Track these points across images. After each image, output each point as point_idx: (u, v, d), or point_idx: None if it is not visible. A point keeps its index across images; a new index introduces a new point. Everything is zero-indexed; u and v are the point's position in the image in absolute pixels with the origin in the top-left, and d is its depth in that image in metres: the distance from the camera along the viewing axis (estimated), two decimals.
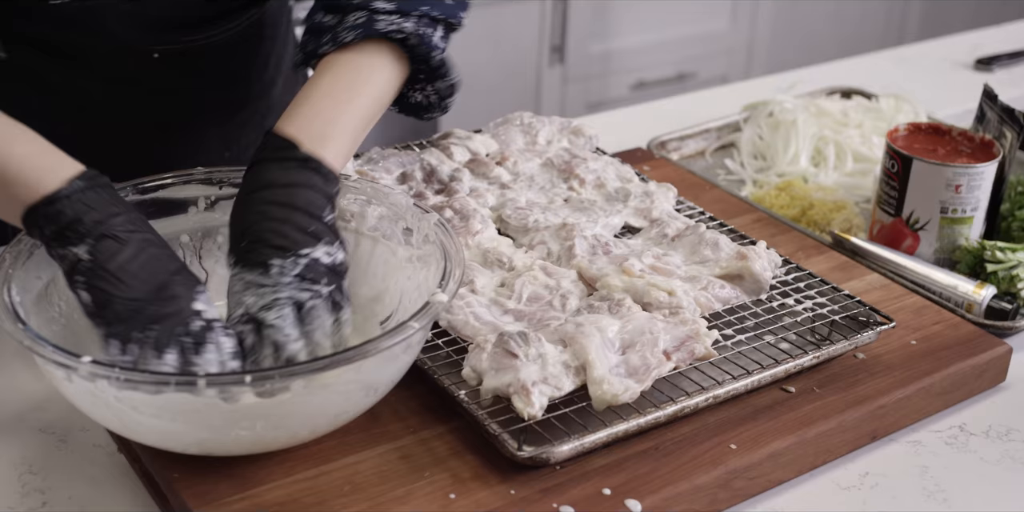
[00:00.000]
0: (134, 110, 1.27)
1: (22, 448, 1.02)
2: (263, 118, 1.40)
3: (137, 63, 1.22)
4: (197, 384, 0.82)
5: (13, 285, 0.92)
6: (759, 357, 1.04)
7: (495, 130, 1.37)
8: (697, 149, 1.60)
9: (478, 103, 3.10)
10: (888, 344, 1.12)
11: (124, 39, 1.19)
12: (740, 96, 1.75)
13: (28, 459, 1.01)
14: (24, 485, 0.98)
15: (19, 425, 1.05)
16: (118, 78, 1.23)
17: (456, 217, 1.17)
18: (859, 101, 1.67)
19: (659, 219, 1.21)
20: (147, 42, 1.21)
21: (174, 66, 1.25)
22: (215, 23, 1.25)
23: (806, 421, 1.01)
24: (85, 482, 0.99)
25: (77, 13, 1.15)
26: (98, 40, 1.19)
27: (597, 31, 3.25)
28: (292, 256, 0.92)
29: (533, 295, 1.07)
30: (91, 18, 1.16)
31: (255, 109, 1.39)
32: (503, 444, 0.93)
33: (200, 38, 1.24)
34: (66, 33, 1.18)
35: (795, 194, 1.43)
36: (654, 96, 3.35)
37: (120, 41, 1.19)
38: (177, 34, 1.22)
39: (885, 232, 1.32)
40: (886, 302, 1.18)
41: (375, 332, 1.03)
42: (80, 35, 1.18)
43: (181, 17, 1.21)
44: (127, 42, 1.20)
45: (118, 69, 1.23)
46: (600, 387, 0.95)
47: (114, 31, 1.18)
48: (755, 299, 1.11)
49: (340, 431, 0.97)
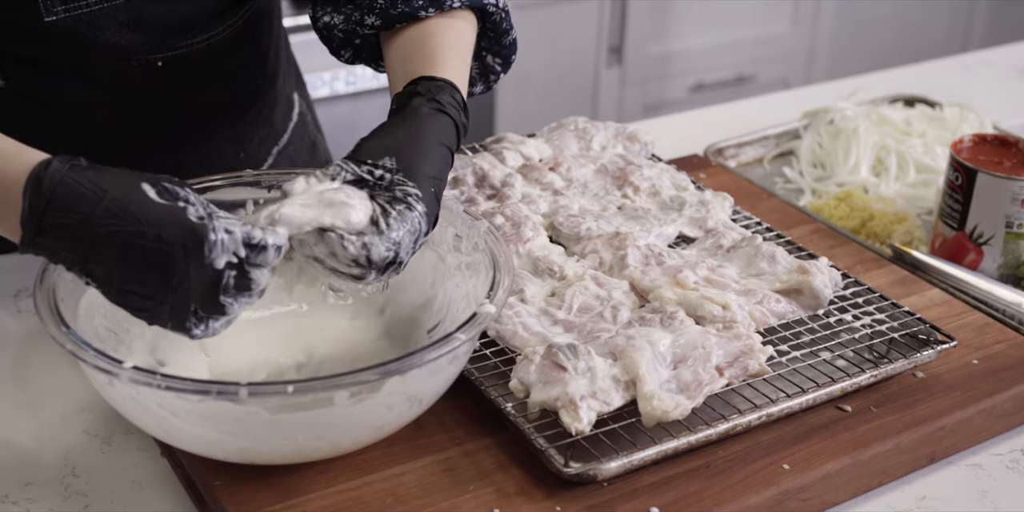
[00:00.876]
0: (143, 123, 1.26)
1: (66, 450, 1.02)
2: (271, 112, 1.39)
3: (142, 74, 1.20)
4: (239, 393, 0.81)
5: (58, 287, 0.91)
6: (814, 374, 1.01)
7: (549, 135, 1.35)
8: (755, 156, 1.57)
9: (534, 103, 3.09)
10: (949, 363, 1.09)
11: (126, 50, 1.17)
12: (800, 102, 1.71)
13: (71, 461, 1.01)
14: (67, 487, 0.98)
15: (64, 426, 1.05)
16: (124, 92, 1.21)
17: (507, 224, 1.15)
18: (922, 110, 1.63)
19: (714, 229, 1.18)
20: (149, 51, 1.19)
21: (179, 73, 1.23)
22: (212, 24, 1.23)
23: (862, 442, 0.99)
24: (127, 486, 0.98)
25: (75, 28, 1.12)
26: (100, 55, 1.17)
27: (656, 32, 3.22)
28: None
29: (584, 306, 1.05)
30: (90, 32, 1.13)
31: (263, 104, 1.37)
32: (549, 459, 0.91)
33: (200, 40, 1.22)
34: (66, 51, 1.15)
35: (855, 205, 1.40)
36: (713, 99, 3.31)
37: (122, 53, 1.17)
38: (177, 38, 1.20)
39: (947, 246, 1.28)
40: (947, 319, 1.15)
41: (422, 340, 1.02)
42: (81, 52, 1.16)
43: (179, 20, 1.19)
44: (129, 53, 1.18)
45: (123, 83, 1.21)
46: (650, 403, 0.93)
47: (115, 42, 1.15)
48: (811, 314, 1.08)
49: (384, 441, 0.95)
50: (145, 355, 0.99)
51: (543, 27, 3.00)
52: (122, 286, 0.82)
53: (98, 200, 0.80)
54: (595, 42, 3.13)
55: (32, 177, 0.81)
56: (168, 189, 0.82)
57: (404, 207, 0.89)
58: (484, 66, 1.17)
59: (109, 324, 0.97)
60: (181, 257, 0.80)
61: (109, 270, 0.81)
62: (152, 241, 0.80)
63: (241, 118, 1.34)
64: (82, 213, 0.80)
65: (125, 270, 0.81)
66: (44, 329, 0.87)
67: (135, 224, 0.80)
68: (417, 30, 1.08)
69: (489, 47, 1.16)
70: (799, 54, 3.51)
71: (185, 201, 0.82)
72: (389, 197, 0.90)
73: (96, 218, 0.80)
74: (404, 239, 0.88)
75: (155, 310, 0.83)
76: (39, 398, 1.08)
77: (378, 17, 1.10)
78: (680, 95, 3.35)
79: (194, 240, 0.80)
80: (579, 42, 3.11)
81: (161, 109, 1.26)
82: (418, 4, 1.08)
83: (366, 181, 0.90)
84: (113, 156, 1.22)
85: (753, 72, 3.44)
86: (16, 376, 1.11)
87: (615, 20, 3.13)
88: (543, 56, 3.04)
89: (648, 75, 3.26)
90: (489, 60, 1.17)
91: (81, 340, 0.85)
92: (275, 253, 0.84)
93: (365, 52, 1.17)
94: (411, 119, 0.96)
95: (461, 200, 1.22)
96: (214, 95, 1.30)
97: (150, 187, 0.81)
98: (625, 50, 3.18)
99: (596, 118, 3.22)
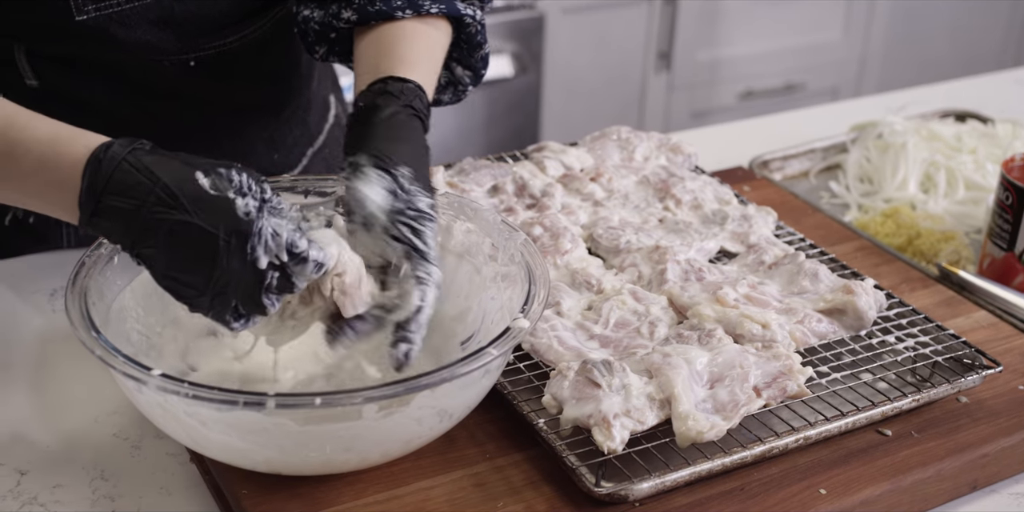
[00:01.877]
0: (175, 123, 1.25)
1: (95, 453, 1.01)
2: (305, 113, 1.38)
3: (174, 74, 1.20)
4: (266, 404, 0.80)
5: (90, 292, 0.90)
6: (854, 397, 0.99)
7: (591, 144, 1.34)
8: (801, 170, 1.54)
9: (581, 108, 3.07)
10: (994, 388, 1.06)
11: (157, 49, 1.17)
12: (849, 114, 1.69)
13: (100, 464, 1.00)
14: (95, 491, 0.98)
15: (94, 428, 1.04)
16: (156, 92, 1.21)
17: (546, 235, 1.14)
18: (974, 125, 1.60)
19: (757, 245, 1.16)
20: (181, 50, 1.19)
21: (211, 73, 1.23)
22: (244, 23, 1.22)
23: (902, 467, 0.96)
24: (155, 491, 0.98)
25: (106, 26, 1.12)
26: (131, 54, 1.17)
27: (705, 38, 3.19)
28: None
29: (620, 321, 1.04)
30: (121, 30, 1.13)
31: (296, 106, 1.37)
32: (581, 478, 0.90)
33: (233, 40, 1.22)
34: (98, 50, 1.15)
35: (902, 222, 1.37)
36: (761, 107, 3.28)
37: (154, 52, 1.17)
38: (209, 38, 1.20)
39: (996, 267, 1.25)
40: (993, 342, 1.12)
41: (455, 352, 1.00)
42: (112, 51, 1.15)
43: (210, 20, 1.19)
44: (161, 52, 1.18)
45: (155, 83, 1.21)
46: (685, 423, 0.91)
47: (146, 41, 1.15)
48: (853, 335, 1.06)
49: (414, 454, 0.94)
50: (176, 359, 0.99)
51: (591, 32, 2.99)
52: (167, 272, 0.83)
53: (151, 187, 0.82)
54: (643, 47, 3.11)
55: (92, 159, 0.83)
56: (224, 177, 0.82)
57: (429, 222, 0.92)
58: (454, 77, 1.17)
59: (141, 328, 0.97)
60: (224, 250, 0.81)
61: (157, 256, 0.83)
62: (197, 232, 0.81)
63: (275, 119, 1.34)
64: (136, 199, 0.82)
65: (171, 257, 0.82)
66: (74, 334, 0.86)
67: (183, 214, 0.81)
68: (391, 29, 1.08)
69: (460, 58, 1.16)
70: (850, 63, 3.47)
71: (238, 192, 0.82)
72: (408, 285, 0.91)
73: (149, 205, 0.81)
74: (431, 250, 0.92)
75: (197, 300, 0.84)
76: (71, 400, 1.08)
77: (355, 12, 1.10)
78: (729, 102, 3.32)
79: (238, 235, 0.81)
80: (627, 47, 3.09)
81: (193, 109, 1.26)
82: (396, 4, 1.09)
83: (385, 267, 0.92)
84: None
85: (803, 80, 3.40)
86: (49, 377, 1.11)
87: (664, 25, 3.10)
88: (590, 61, 3.02)
89: (696, 81, 3.24)
90: (459, 71, 1.17)
91: (111, 346, 0.84)
92: (314, 268, 0.84)
93: (339, 47, 1.16)
94: (398, 127, 0.97)
95: (500, 209, 1.20)
96: (247, 95, 1.29)
97: (204, 177, 0.82)
98: (674, 56, 3.16)
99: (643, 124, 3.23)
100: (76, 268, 0.93)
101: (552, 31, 2.89)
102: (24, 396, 1.08)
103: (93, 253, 0.94)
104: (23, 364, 1.13)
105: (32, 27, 1.13)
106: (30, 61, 1.17)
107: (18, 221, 1.29)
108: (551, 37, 2.90)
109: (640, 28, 3.08)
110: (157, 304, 0.99)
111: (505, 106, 2.89)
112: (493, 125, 2.90)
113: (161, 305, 0.99)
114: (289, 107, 1.36)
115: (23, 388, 1.09)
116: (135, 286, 0.97)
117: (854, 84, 3.51)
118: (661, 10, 3.07)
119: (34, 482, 0.98)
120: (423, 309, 0.90)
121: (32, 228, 1.29)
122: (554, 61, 2.93)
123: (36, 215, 1.29)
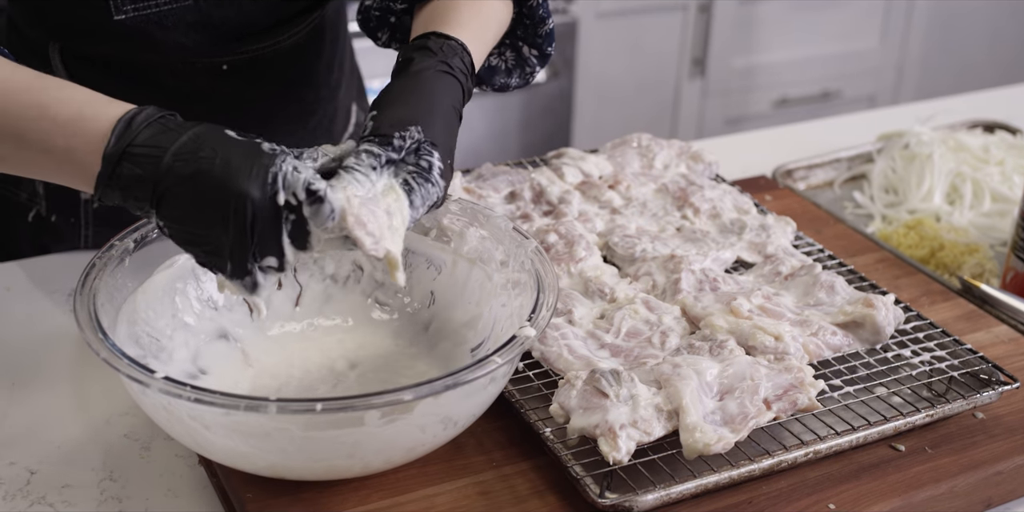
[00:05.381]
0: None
1: (105, 453, 1.02)
2: (331, 123, 1.38)
3: (207, 77, 1.21)
4: (267, 408, 0.80)
5: (100, 293, 0.91)
6: (867, 411, 0.98)
7: (611, 151, 1.33)
8: (826, 179, 1.53)
9: (614, 113, 3.06)
10: (1012, 404, 1.04)
11: (192, 52, 1.18)
12: (881, 123, 1.66)
13: (109, 465, 1.01)
14: (103, 491, 0.98)
15: (106, 429, 1.05)
16: (188, 95, 1.22)
17: (560, 242, 1.13)
18: (1002, 136, 1.58)
19: (774, 255, 1.15)
20: (215, 53, 1.19)
21: (243, 77, 1.23)
22: (279, 29, 1.23)
23: (914, 484, 0.95)
24: (163, 493, 0.98)
25: (143, 27, 1.13)
26: (166, 56, 1.17)
27: (740, 45, 3.17)
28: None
29: (632, 330, 1.03)
30: (158, 32, 1.14)
31: (324, 114, 1.37)
32: (585, 489, 0.89)
33: (267, 45, 1.22)
34: (134, 51, 1.16)
35: (925, 233, 1.36)
36: (797, 114, 3.26)
37: (188, 54, 1.18)
38: (243, 43, 1.20)
39: (1019, 281, 1.24)
40: (1013, 358, 1.10)
41: (465, 359, 1.00)
42: (147, 52, 1.16)
43: (246, 24, 1.19)
44: (195, 55, 1.18)
45: (188, 85, 1.22)
46: (692, 435, 0.90)
47: (182, 44, 1.16)
48: (868, 348, 1.05)
49: (420, 460, 0.94)
50: (187, 363, 0.99)
51: (626, 37, 2.98)
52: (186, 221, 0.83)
53: (180, 135, 0.83)
54: (678, 53, 3.10)
55: (125, 116, 0.84)
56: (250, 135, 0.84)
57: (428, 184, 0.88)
58: (520, 58, 1.14)
59: (151, 330, 0.97)
60: (246, 182, 0.80)
61: (178, 206, 0.82)
62: (220, 166, 0.81)
63: (302, 127, 1.34)
64: (163, 146, 0.82)
65: (194, 202, 0.82)
66: (81, 335, 0.86)
67: (209, 150, 0.81)
68: (446, 3, 1.05)
69: (525, 37, 1.13)
70: (887, 70, 3.44)
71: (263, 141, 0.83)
72: (414, 169, 0.88)
73: (175, 150, 0.82)
74: (420, 211, 0.89)
75: (217, 247, 0.82)
76: (86, 400, 1.08)
77: None
78: (763, 109, 3.30)
79: (261, 164, 0.81)
80: (662, 53, 3.08)
81: (223, 114, 1.26)
82: None
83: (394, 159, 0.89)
84: None
85: (839, 88, 3.37)
86: (67, 376, 1.12)
87: (699, 31, 3.09)
88: (624, 66, 3.01)
89: (731, 88, 3.22)
90: (525, 51, 1.14)
91: (116, 348, 0.84)
92: (328, 213, 0.82)
93: (400, 33, 1.15)
94: (423, 83, 0.94)
95: (516, 215, 1.20)
96: (276, 102, 1.30)
97: (233, 132, 0.84)
98: (708, 62, 3.14)
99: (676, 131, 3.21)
100: (87, 270, 0.93)
101: (585, 36, 2.89)
102: (39, 395, 1.09)
103: (104, 255, 0.94)
104: (39, 363, 1.13)
105: (70, 25, 1.14)
106: (63, 60, 1.18)
107: (40, 219, 1.30)
108: (584, 42, 2.89)
109: (674, 34, 3.06)
110: (168, 307, 0.99)
111: (537, 111, 2.89)
112: (525, 130, 2.90)
113: (172, 308, 1.00)
114: (316, 116, 1.36)
115: (38, 387, 1.10)
116: (146, 288, 0.97)
117: (891, 92, 3.48)
118: (696, 17, 3.06)
119: (44, 482, 0.99)
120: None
121: (54, 227, 1.30)
122: (587, 66, 2.92)
123: (58, 213, 1.29)
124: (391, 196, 0.87)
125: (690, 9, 3.03)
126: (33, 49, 1.18)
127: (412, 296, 1.07)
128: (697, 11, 3.05)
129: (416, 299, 1.07)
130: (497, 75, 1.13)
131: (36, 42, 1.18)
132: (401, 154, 0.88)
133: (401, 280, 0.88)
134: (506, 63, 1.13)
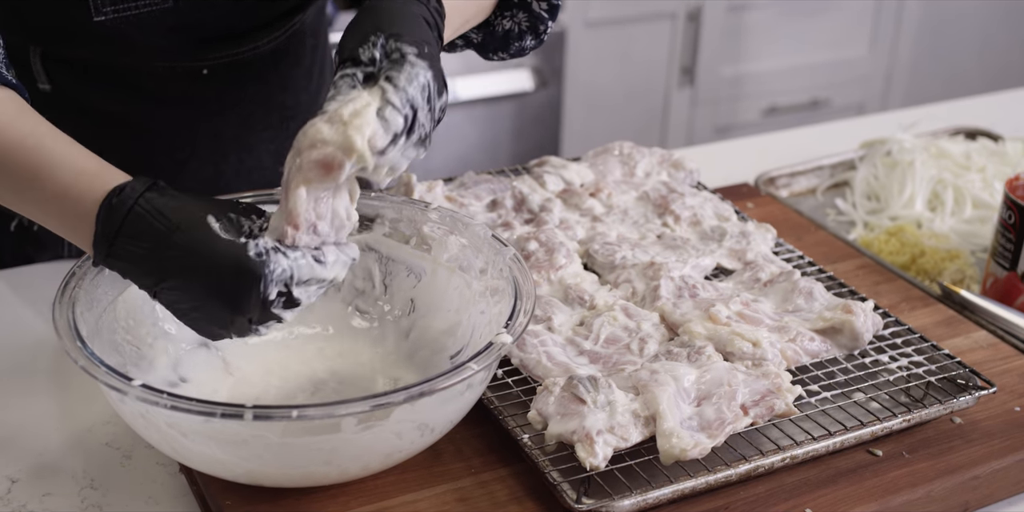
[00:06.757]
0: (185, 131, 1.27)
1: (86, 462, 1.02)
2: None
3: (186, 81, 1.21)
4: (244, 415, 0.80)
5: (79, 302, 0.91)
6: (844, 416, 0.98)
7: (593, 159, 1.34)
8: (808, 187, 1.53)
9: (603, 122, 3.06)
10: (989, 409, 1.05)
11: (171, 55, 1.18)
12: (867, 131, 1.67)
13: (91, 473, 1.01)
14: (84, 500, 0.98)
15: (87, 437, 1.05)
16: (168, 100, 1.22)
17: (541, 250, 1.13)
18: (984, 143, 1.58)
19: (753, 262, 1.16)
20: (194, 57, 1.20)
21: (223, 82, 1.23)
22: (259, 33, 1.23)
23: (891, 488, 0.95)
24: (143, 501, 0.98)
25: (123, 29, 1.13)
26: (145, 59, 1.18)
27: (729, 53, 3.18)
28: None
29: (611, 337, 1.03)
30: (137, 34, 1.14)
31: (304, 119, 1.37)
32: (562, 494, 0.89)
33: (246, 49, 1.23)
34: (113, 53, 1.16)
35: (906, 240, 1.36)
36: (786, 123, 3.27)
37: (168, 58, 1.18)
38: (223, 46, 1.21)
39: (998, 287, 1.24)
40: (991, 363, 1.11)
41: (445, 366, 1.00)
42: (127, 55, 1.17)
43: (225, 28, 1.19)
44: (175, 58, 1.19)
45: (167, 90, 1.22)
46: (669, 440, 0.90)
47: (161, 46, 1.16)
48: (847, 354, 1.05)
49: (399, 467, 0.94)
50: (167, 371, 0.99)
51: (614, 46, 2.98)
52: (185, 310, 0.85)
53: (167, 233, 0.83)
54: (667, 62, 3.11)
55: (105, 204, 0.84)
56: (233, 221, 0.84)
57: (406, 65, 0.85)
58: (532, 15, 1.13)
59: (132, 339, 0.97)
60: (238, 291, 0.83)
61: (173, 296, 0.85)
62: (215, 277, 0.82)
63: (283, 132, 1.34)
64: (150, 243, 0.83)
65: (188, 298, 0.84)
66: (59, 343, 0.87)
67: (197, 259, 0.82)
68: None
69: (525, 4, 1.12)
70: (876, 79, 3.45)
71: (248, 235, 0.84)
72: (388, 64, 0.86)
73: (163, 249, 0.83)
74: (416, 96, 0.85)
75: (217, 333, 0.87)
76: (69, 408, 1.08)
77: None
78: (752, 118, 3.30)
79: (252, 277, 0.82)
80: (651, 61, 3.08)
81: (203, 119, 1.27)
82: None
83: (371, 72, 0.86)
84: (154, 164, 1.23)
85: (828, 96, 3.38)
86: (50, 385, 1.12)
87: (688, 40, 3.10)
88: (613, 75, 3.02)
89: (720, 96, 3.23)
90: (535, 7, 1.13)
91: (94, 356, 0.85)
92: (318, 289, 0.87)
93: None
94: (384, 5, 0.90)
95: (498, 224, 1.20)
96: (256, 107, 1.30)
97: (215, 220, 0.84)
98: (697, 71, 3.15)
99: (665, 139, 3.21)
100: (66, 278, 0.93)
101: (574, 45, 2.90)
102: (21, 404, 1.09)
103: (84, 263, 0.95)
104: (22, 372, 1.14)
105: (50, 27, 1.15)
106: (44, 65, 1.18)
107: (23, 228, 1.30)
108: (573, 51, 2.90)
109: (663, 43, 3.07)
110: (148, 315, 1.00)
111: (527, 120, 2.90)
112: (515, 139, 2.90)
113: (152, 316, 1.00)
114: (296, 121, 1.36)
115: (20, 396, 1.10)
116: (126, 297, 0.98)
117: (880, 100, 3.49)
118: (685, 25, 3.07)
119: (25, 490, 0.99)
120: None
121: (36, 236, 1.30)
122: (576, 75, 2.93)
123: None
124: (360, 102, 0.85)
125: (679, 18, 3.04)
126: (14, 55, 1.19)
127: (392, 304, 1.07)
128: (686, 20, 3.06)
129: (396, 307, 1.07)
130: (512, 39, 1.14)
131: (17, 47, 1.18)
132: (377, 66, 0.86)
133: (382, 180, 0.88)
134: (519, 25, 1.13)
